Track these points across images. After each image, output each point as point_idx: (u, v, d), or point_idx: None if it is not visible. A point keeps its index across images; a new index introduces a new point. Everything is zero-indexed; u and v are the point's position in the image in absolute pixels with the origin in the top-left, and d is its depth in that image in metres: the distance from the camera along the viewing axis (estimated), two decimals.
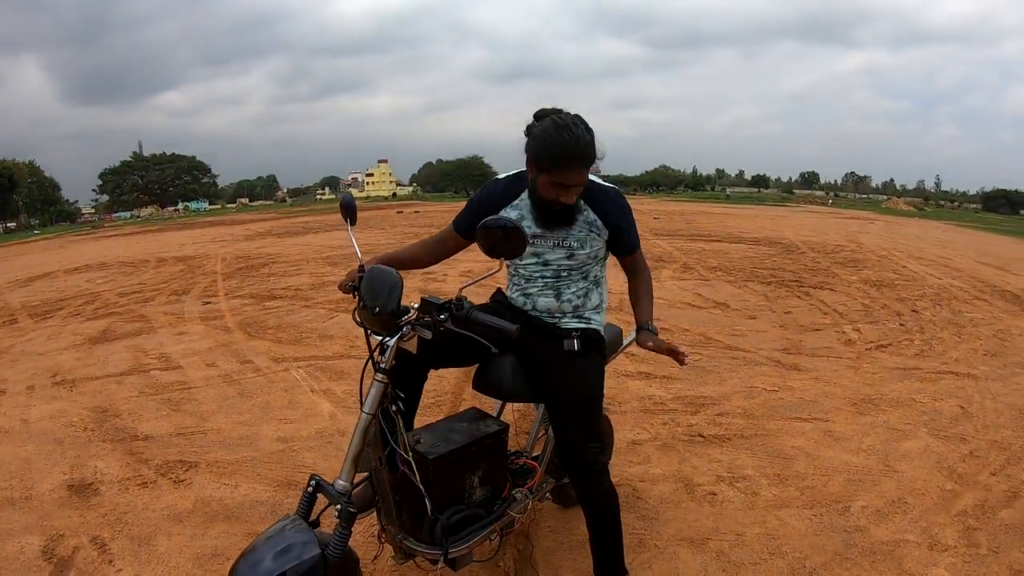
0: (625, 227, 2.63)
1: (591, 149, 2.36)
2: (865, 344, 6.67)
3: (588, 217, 2.58)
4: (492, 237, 2.17)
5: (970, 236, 24.87)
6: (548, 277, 2.66)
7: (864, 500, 3.58)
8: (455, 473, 2.47)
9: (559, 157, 2.33)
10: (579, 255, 2.60)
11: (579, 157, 2.33)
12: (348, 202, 2.72)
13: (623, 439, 4.29)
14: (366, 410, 2.21)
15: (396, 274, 2.20)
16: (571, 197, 2.43)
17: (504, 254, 2.19)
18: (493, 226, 2.16)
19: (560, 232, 2.58)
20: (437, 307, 2.17)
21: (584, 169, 2.37)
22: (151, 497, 3.70)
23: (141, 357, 6.49)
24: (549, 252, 2.63)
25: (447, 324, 2.15)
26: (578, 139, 2.32)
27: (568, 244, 2.59)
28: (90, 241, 27.69)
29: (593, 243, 2.60)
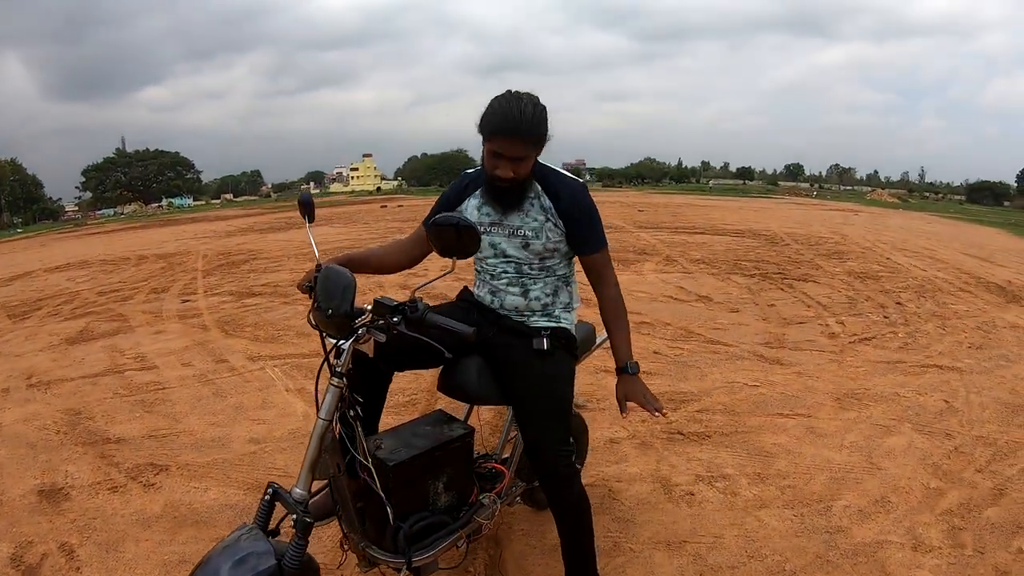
0: (581, 218, 2.52)
1: (531, 125, 2.33)
2: (848, 337, 6.61)
3: (543, 203, 2.51)
4: (444, 235, 2.11)
5: (954, 227, 24.91)
6: (511, 273, 2.57)
7: (846, 499, 3.51)
8: (417, 479, 2.37)
9: (495, 123, 2.31)
10: (534, 245, 2.51)
11: (515, 128, 2.30)
12: (306, 199, 2.64)
13: (600, 437, 4.21)
14: (322, 416, 2.12)
15: (349, 274, 2.11)
16: (506, 169, 2.35)
17: (457, 253, 2.12)
18: (445, 223, 2.09)
19: (514, 219, 2.51)
20: (390, 309, 2.08)
21: (519, 141, 2.32)
22: (121, 502, 3.63)
23: (117, 357, 6.39)
24: (505, 242, 2.54)
25: (400, 327, 2.06)
26: (519, 111, 2.29)
27: (523, 234, 2.51)
28: (72, 239, 27.53)
29: (549, 233, 2.50)
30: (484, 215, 2.57)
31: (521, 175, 2.39)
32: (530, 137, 2.34)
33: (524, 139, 2.32)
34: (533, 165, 2.45)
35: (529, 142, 2.34)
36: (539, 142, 2.40)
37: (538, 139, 2.38)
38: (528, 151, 2.35)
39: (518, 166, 2.36)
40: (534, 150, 2.39)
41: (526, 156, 2.36)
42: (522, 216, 2.51)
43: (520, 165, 2.36)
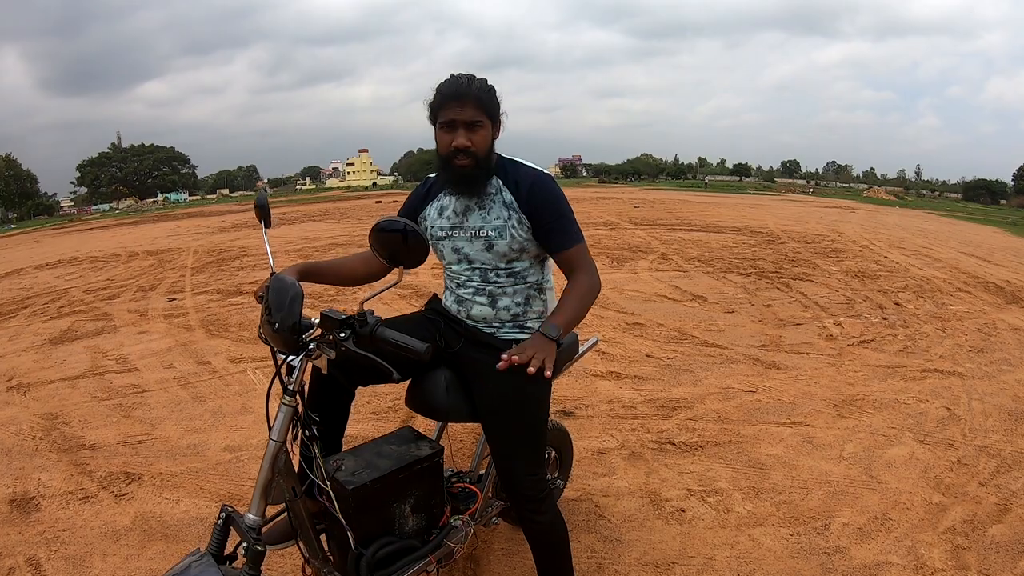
0: (546, 209, 2.33)
1: (481, 90, 2.25)
2: (847, 339, 6.45)
3: (504, 198, 2.33)
4: (389, 242, 1.95)
5: (951, 226, 24.77)
6: (477, 281, 2.40)
7: (845, 516, 3.34)
8: (381, 503, 2.19)
9: (444, 92, 2.24)
10: (499, 246, 2.33)
11: (464, 91, 2.22)
12: (262, 202, 2.43)
13: (588, 447, 4.05)
14: (273, 436, 1.95)
15: (296, 284, 1.96)
16: (462, 138, 2.22)
17: (405, 262, 1.96)
18: (389, 229, 1.94)
19: (475, 219, 2.35)
20: (338, 323, 1.91)
21: (470, 104, 2.22)
22: (91, 513, 3.49)
23: (99, 358, 6.27)
24: (467, 245, 2.38)
25: (347, 344, 1.89)
26: (467, 79, 2.25)
27: (485, 233, 2.34)
28: (65, 235, 27.42)
29: (513, 232, 2.31)
30: (445, 219, 2.42)
31: (479, 146, 2.25)
32: (481, 100, 2.24)
33: (475, 101, 2.22)
34: (492, 147, 2.32)
35: (481, 106, 2.23)
36: (493, 111, 2.28)
37: (490, 107, 2.27)
38: (481, 116, 2.24)
39: (474, 133, 2.23)
40: (488, 118, 2.27)
41: (481, 122, 2.24)
42: (483, 215, 2.34)
43: (476, 134, 2.24)
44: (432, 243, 2.46)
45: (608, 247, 12.61)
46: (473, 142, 2.22)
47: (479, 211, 2.34)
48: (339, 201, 38.86)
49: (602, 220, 18.64)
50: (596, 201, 28.57)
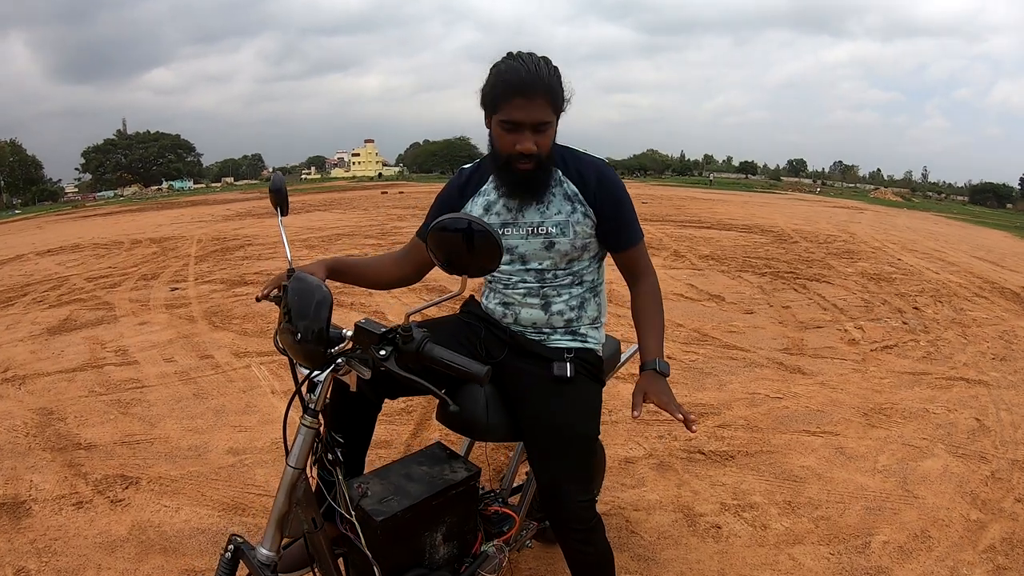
0: (612, 204, 2.10)
1: (546, 79, 1.93)
2: (869, 344, 6.28)
3: (567, 190, 2.10)
4: (450, 244, 1.59)
5: (961, 229, 24.59)
6: (531, 281, 2.15)
7: (885, 534, 3.18)
8: (411, 533, 1.96)
9: (511, 83, 1.91)
10: (560, 244, 2.09)
11: (527, 83, 1.90)
12: (278, 186, 2.16)
13: (614, 456, 3.86)
14: (291, 463, 1.72)
15: (324, 286, 1.67)
16: (528, 143, 1.94)
17: (470, 268, 1.61)
18: (452, 227, 1.57)
19: (533, 215, 2.10)
20: (377, 337, 1.61)
21: (536, 100, 1.91)
22: (85, 520, 3.29)
23: (98, 350, 6.09)
24: (523, 244, 2.12)
25: (388, 363, 1.59)
26: (535, 65, 1.92)
27: (545, 230, 2.09)
28: (69, 221, 27.23)
29: (577, 227, 2.08)
30: (495, 215, 2.15)
31: (544, 150, 1.98)
32: (551, 94, 1.94)
33: (546, 95, 1.92)
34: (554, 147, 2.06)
35: (550, 99, 1.94)
36: (560, 104, 2.00)
37: (560, 99, 1.98)
38: (551, 114, 1.96)
39: (541, 136, 1.96)
40: (555, 115, 1.98)
41: (549, 122, 1.96)
42: (542, 209, 2.09)
43: (543, 135, 1.96)
44: None
45: None
46: (540, 145, 1.96)
47: (537, 205, 2.10)
48: (344, 191, 38.66)
49: None
50: None
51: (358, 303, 7.49)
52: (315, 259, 2.10)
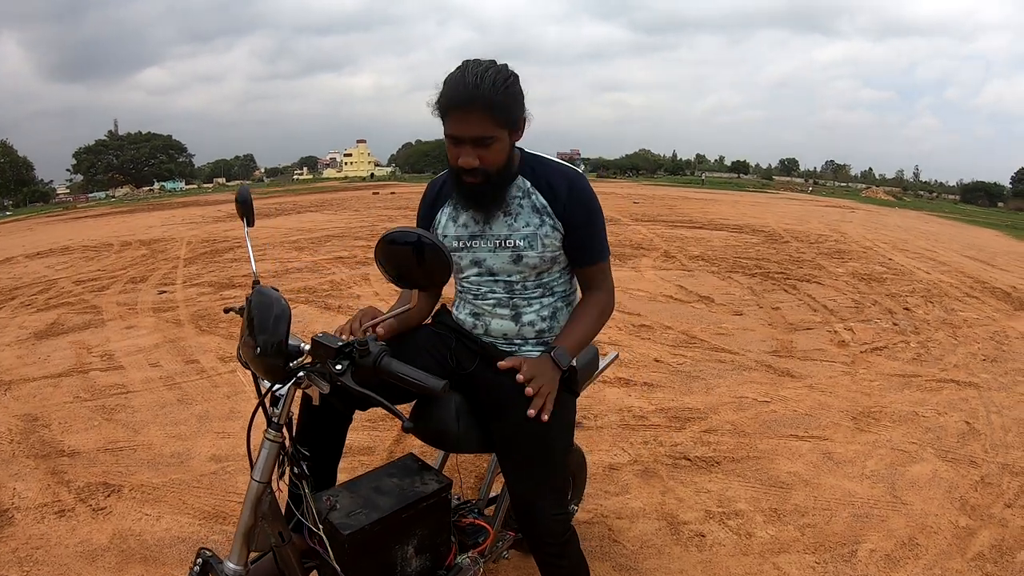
0: (581, 218, 2.06)
1: (493, 91, 1.84)
2: (859, 346, 6.26)
3: (536, 203, 2.05)
4: (399, 258, 1.64)
5: (952, 228, 24.63)
6: (500, 292, 2.12)
7: (872, 541, 3.14)
8: (381, 546, 1.91)
9: (444, 97, 1.88)
10: (528, 258, 2.05)
11: (470, 96, 1.84)
12: (244, 197, 2.13)
13: (598, 462, 3.83)
14: (256, 476, 1.69)
15: (283, 300, 1.64)
16: (469, 158, 1.89)
17: (421, 282, 1.65)
18: (401, 241, 1.63)
19: (500, 227, 2.05)
20: (333, 352, 1.59)
21: (473, 115, 1.85)
22: (67, 529, 3.26)
23: (84, 355, 6.04)
24: (491, 256, 2.09)
25: (343, 377, 1.56)
26: (475, 76, 1.84)
27: (513, 243, 2.04)
28: (60, 223, 27.12)
29: (545, 240, 2.04)
30: (461, 226, 2.12)
31: (492, 165, 1.93)
32: (494, 108, 1.85)
33: (485, 110, 1.85)
34: (512, 154, 2.00)
35: (493, 115, 1.86)
36: (509, 118, 1.91)
37: (506, 113, 1.89)
38: (494, 129, 1.88)
39: (485, 152, 1.90)
40: (503, 129, 1.90)
41: (493, 136, 1.89)
42: (510, 221, 2.05)
43: (487, 150, 1.90)
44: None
45: (610, 244, 12.11)
46: (483, 160, 1.91)
47: (504, 217, 2.05)
48: (336, 192, 38.55)
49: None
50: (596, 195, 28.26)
51: (345, 306, 7.44)
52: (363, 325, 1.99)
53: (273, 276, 9.50)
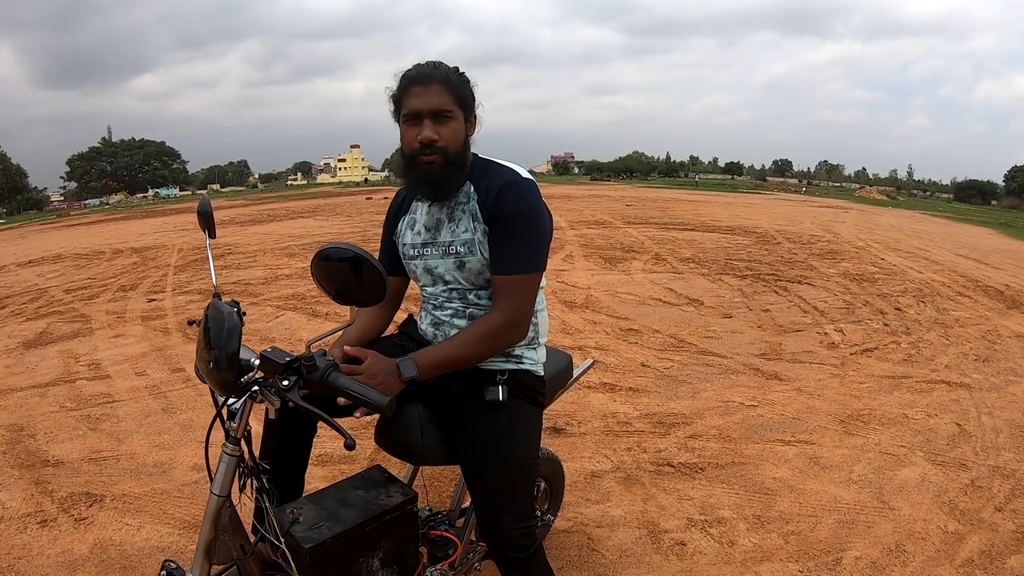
0: (503, 223, 1.96)
1: (444, 71, 1.96)
2: (849, 348, 6.22)
3: (472, 208, 2.01)
4: (336, 275, 1.66)
5: (945, 227, 24.66)
6: (456, 303, 2.09)
7: (858, 548, 3.09)
8: (345, 560, 1.87)
9: (403, 80, 1.97)
10: (470, 264, 2.00)
11: (424, 73, 1.94)
12: (204, 208, 2.10)
13: (579, 469, 3.79)
14: (215, 490, 1.67)
15: (234, 313, 1.64)
16: (428, 131, 1.91)
17: (357, 298, 1.66)
18: (337, 257, 1.64)
19: (445, 233, 2.04)
20: (281, 367, 1.58)
21: (432, 87, 1.92)
22: (48, 539, 3.26)
23: (71, 364, 6.04)
24: (440, 264, 2.07)
25: (290, 393, 1.56)
26: (433, 63, 1.99)
27: (455, 250, 2.01)
28: (52, 231, 27.12)
29: (482, 247, 1.98)
30: (416, 235, 2.12)
31: (449, 140, 1.93)
32: (451, 85, 1.94)
33: (443, 85, 1.93)
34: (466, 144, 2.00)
35: (450, 91, 1.94)
36: (465, 101, 1.98)
37: (462, 94, 1.97)
38: (451, 104, 1.93)
39: (442, 127, 1.92)
40: (459, 109, 1.95)
41: (451, 112, 1.93)
42: (452, 227, 2.03)
43: (445, 126, 1.92)
44: (405, 262, 2.17)
45: (601, 247, 12.40)
46: (441, 135, 1.92)
47: (448, 224, 2.04)
48: (329, 197, 38.56)
49: (594, 219, 18.37)
50: (588, 199, 28.33)
51: (333, 313, 7.39)
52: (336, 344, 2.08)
53: (263, 283, 9.49)
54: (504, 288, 1.96)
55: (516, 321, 1.97)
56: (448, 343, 1.96)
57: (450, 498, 2.79)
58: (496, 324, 1.95)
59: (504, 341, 1.99)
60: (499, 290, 1.97)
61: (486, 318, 1.97)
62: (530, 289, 1.99)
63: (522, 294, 1.97)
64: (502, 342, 1.99)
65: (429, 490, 2.88)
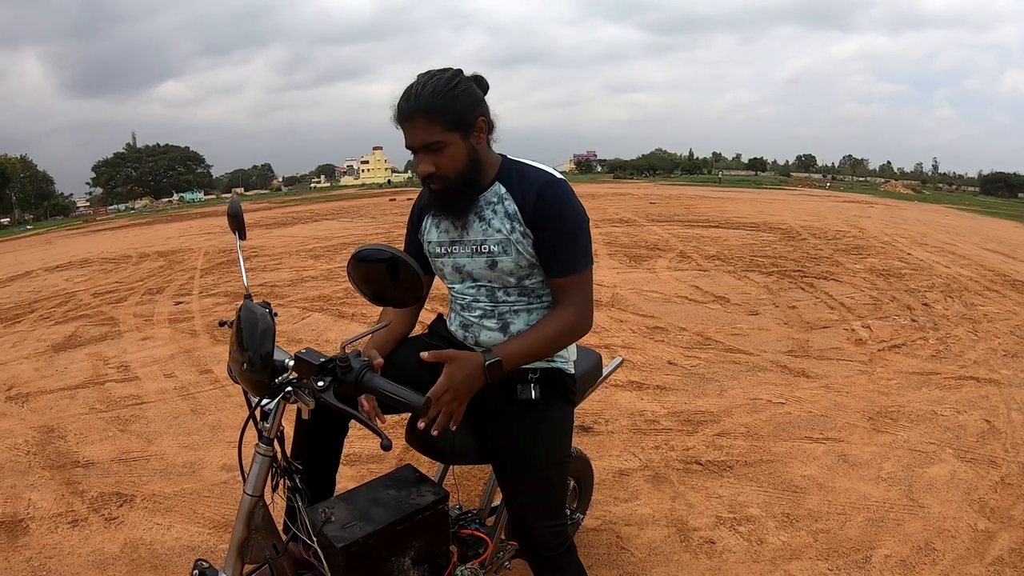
0: (550, 229, 1.96)
1: (428, 98, 1.85)
2: (877, 344, 6.17)
3: (508, 208, 1.99)
4: (372, 276, 1.66)
5: (972, 220, 24.44)
6: (485, 302, 2.08)
7: (887, 546, 3.07)
8: (376, 559, 1.88)
9: (394, 115, 1.92)
10: (503, 263, 1.99)
11: (403, 111, 1.88)
12: (235, 210, 2.09)
13: (608, 468, 3.79)
14: (248, 490, 1.69)
15: (267, 315, 1.64)
16: (424, 164, 1.90)
17: (393, 299, 1.66)
18: (374, 259, 1.64)
19: (476, 232, 2.02)
20: (316, 368, 1.59)
21: (415, 122, 1.87)
22: (79, 538, 3.29)
23: (100, 366, 6.10)
24: (469, 262, 2.05)
25: (326, 394, 1.57)
26: (416, 87, 1.88)
27: (487, 249, 2.00)
28: (79, 236, 27.47)
29: (519, 246, 1.97)
30: (443, 232, 2.10)
31: (450, 170, 1.91)
32: (430, 113, 1.86)
33: (426, 117, 1.86)
34: (476, 157, 1.97)
35: (432, 120, 1.86)
36: (456, 121, 1.89)
37: (450, 115, 1.88)
38: (440, 133, 1.87)
39: (438, 157, 1.89)
40: (451, 132, 1.89)
41: (440, 141, 1.88)
42: (484, 227, 2.01)
43: (440, 156, 1.89)
44: (431, 260, 2.17)
45: (625, 244, 12.35)
46: (438, 165, 1.90)
47: (479, 222, 2.02)
48: (353, 199, 38.71)
49: (619, 216, 18.35)
50: (612, 197, 28.27)
51: (359, 314, 7.42)
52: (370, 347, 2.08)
53: (289, 285, 9.54)
54: (567, 287, 2.00)
55: (586, 313, 2.02)
56: (526, 337, 1.96)
57: (479, 496, 2.81)
58: (570, 318, 1.98)
59: (577, 333, 2.03)
60: (563, 289, 2.00)
61: (559, 313, 1.99)
62: (589, 283, 2.04)
63: (585, 288, 2.02)
64: (575, 334, 2.03)
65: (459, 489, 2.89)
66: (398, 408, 1.60)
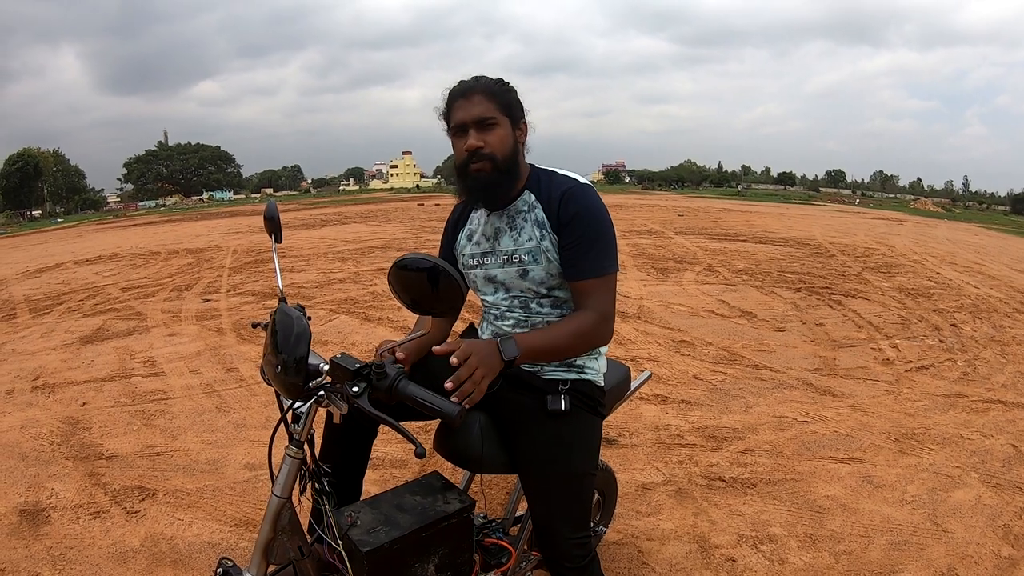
0: (573, 230, 1.97)
1: (492, 83, 2.02)
2: (904, 364, 6.11)
3: (537, 216, 2.02)
4: (413, 284, 1.66)
5: (1002, 240, 24.10)
6: (518, 311, 2.10)
7: (909, 570, 3.04)
8: (400, 565, 1.88)
9: (448, 95, 2.03)
10: (534, 272, 2.03)
11: (466, 87, 2.00)
12: (271, 213, 2.13)
13: (631, 481, 3.78)
14: (277, 492, 1.71)
15: (303, 318, 1.65)
16: (473, 139, 1.96)
17: (435, 308, 1.67)
18: (414, 268, 1.65)
19: (507, 242, 2.06)
20: (351, 374, 1.59)
21: (474, 98, 1.97)
22: (100, 530, 3.33)
23: (127, 360, 6.19)
24: (501, 272, 2.09)
25: (360, 400, 1.57)
26: (476, 77, 2.04)
27: (519, 258, 2.04)
28: (108, 230, 27.74)
29: (549, 254, 2.00)
30: (475, 245, 2.15)
31: (496, 150, 1.96)
32: (492, 93, 1.98)
33: (485, 95, 1.97)
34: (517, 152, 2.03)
35: (492, 99, 1.97)
36: (509, 107, 2.00)
37: (506, 101, 2.00)
38: (495, 111, 1.96)
39: (488, 135, 1.96)
40: (504, 115, 1.98)
41: (495, 119, 1.96)
42: (515, 236, 2.05)
43: (491, 133, 1.96)
44: (465, 272, 2.19)
45: (653, 256, 12.33)
46: (487, 142, 1.95)
47: (510, 232, 2.06)
48: (381, 203, 38.90)
49: (646, 228, 18.31)
50: (640, 208, 28.29)
51: (386, 318, 7.45)
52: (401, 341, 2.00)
53: (316, 287, 9.61)
54: (589, 290, 1.98)
55: (607, 317, 1.99)
56: (545, 331, 1.95)
57: (501, 505, 2.82)
58: (591, 321, 1.96)
59: (597, 338, 1.99)
60: (584, 293, 1.98)
61: (579, 315, 1.97)
62: (612, 287, 2.01)
63: (607, 293, 1.99)
64: (595, 339, 1.99)
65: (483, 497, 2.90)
66: (430, 416, 1.60)
